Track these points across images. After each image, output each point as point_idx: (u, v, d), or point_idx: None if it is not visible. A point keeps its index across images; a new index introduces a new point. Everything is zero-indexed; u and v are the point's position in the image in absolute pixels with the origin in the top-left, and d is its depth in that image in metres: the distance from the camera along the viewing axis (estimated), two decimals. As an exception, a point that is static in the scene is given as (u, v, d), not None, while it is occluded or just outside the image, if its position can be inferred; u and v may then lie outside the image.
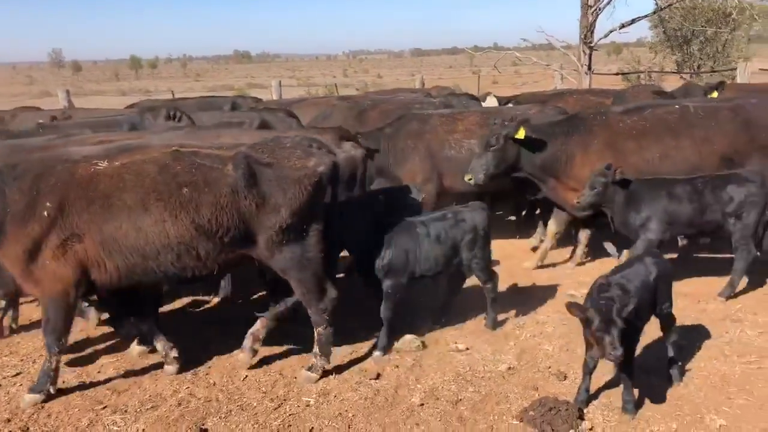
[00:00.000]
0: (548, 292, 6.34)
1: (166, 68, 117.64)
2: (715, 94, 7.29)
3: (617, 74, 17.91)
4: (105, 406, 4.49)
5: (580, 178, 6.35)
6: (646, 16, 14.40)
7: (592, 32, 15.08)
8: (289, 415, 4.36)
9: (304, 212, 4.46)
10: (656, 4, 14.14)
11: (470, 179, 6.45)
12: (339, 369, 4.92)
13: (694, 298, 6.07)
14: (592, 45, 15.03)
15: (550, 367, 4.86)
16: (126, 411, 4.43)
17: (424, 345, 5.23)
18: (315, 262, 4.60)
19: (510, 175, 6.70)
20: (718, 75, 18.63)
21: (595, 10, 14.56)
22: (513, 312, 5.85)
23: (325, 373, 4.83)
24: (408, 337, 5.26)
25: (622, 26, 14.44)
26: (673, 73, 20.62)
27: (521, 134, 6.32)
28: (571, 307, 3.95)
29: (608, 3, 14.07)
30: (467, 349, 5.19)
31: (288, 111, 8.61)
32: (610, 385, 4.50)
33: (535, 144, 6.48)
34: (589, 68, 15.19)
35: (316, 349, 4.79)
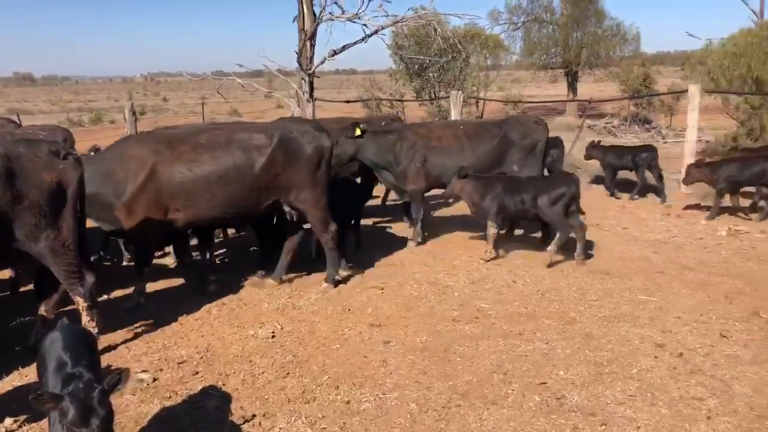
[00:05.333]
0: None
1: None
2: None
3: (347, 102, 17.65)
4: None
5: None
6: (354, 43, 14.09)
7: (311, 59, 14.53)
8: None
9: None
10: (364, 32, 13.92)
11: None
12: None
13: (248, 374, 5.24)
14: (310, 72, 14.44)
15: None
16: None
17: None
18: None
19: None
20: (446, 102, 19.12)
21: (309, 37, 14.01)
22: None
23: None
24: None
25: (334, 53, 14.02)
26: (412, 100, 20.97)
27: None
28: (42, 398, 2.91)
29: (316, 28, 13.55)
30: None
31: None
32: None
33: None
34: (311, 96, 14.58)
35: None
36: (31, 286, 6.69)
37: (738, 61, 14.28)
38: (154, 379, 5.12)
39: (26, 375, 5.15)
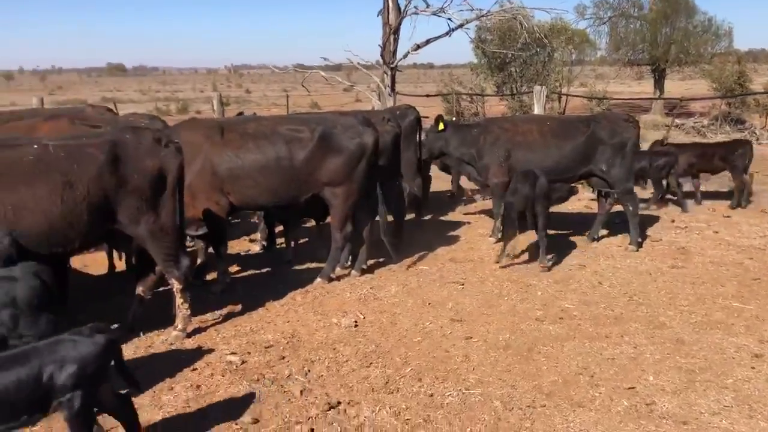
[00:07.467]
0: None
1: (29, 80, 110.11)
2: None
3: (428, 96, 17.61)
4: None
5: None
6: (438, 37, 14.08)
7: (394, 53, 14.62)
8: None
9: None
10: (449, 26, 13.88)
11: None
12: None
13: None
14: (393, 66, 14.53)
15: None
16: None
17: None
18: None
19: None
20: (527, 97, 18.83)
21: (394, 31, 14.09)
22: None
23: None
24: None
25: (417, 47, 14.06)
26: (493, 95, 20.73)
27: None
28: None
29: (400, 23, 13.62)
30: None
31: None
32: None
33: None
34: (393, 89, 14.67)
35: None
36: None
37: None
38: (243, 362, 5.28)
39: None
